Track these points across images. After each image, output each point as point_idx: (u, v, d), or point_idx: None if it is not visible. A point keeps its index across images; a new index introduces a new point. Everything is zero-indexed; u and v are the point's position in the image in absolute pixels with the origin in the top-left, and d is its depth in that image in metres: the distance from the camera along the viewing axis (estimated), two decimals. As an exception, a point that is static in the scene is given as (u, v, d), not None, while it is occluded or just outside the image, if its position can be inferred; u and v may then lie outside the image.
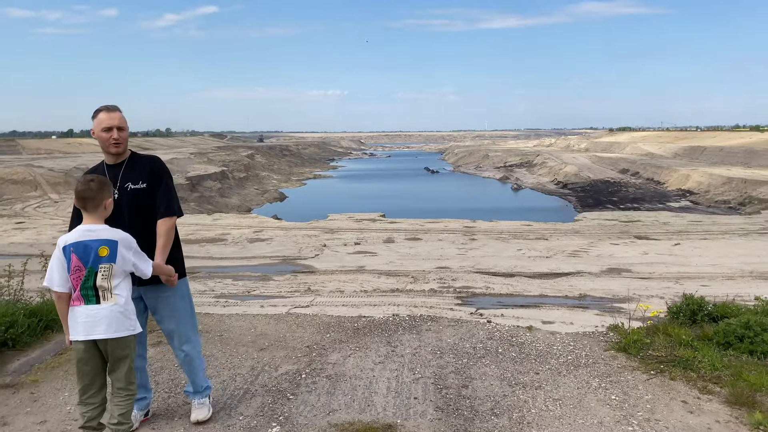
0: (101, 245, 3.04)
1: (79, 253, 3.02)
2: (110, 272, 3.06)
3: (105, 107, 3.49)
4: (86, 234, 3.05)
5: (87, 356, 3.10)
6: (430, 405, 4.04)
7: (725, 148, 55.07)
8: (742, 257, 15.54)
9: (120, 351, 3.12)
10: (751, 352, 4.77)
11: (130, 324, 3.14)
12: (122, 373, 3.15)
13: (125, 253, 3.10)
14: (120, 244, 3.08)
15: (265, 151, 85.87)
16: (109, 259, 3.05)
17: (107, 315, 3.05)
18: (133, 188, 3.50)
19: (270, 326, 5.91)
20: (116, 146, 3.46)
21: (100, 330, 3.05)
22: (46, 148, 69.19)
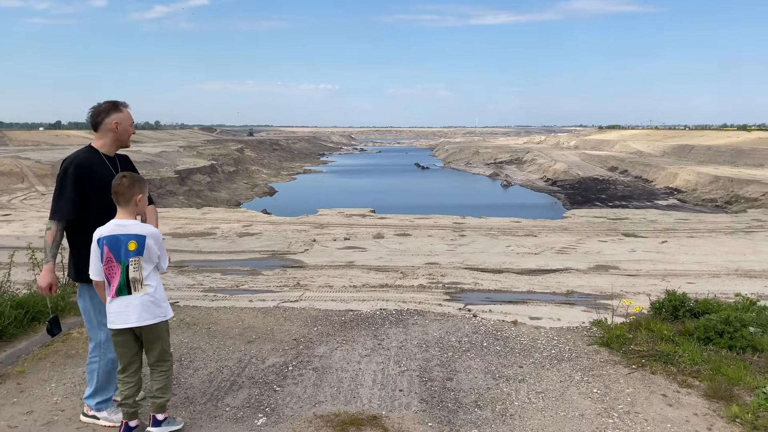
0: (130, 240, 3.29)
1: (110, 246, 3.29)
2: (139, 264, 3.31)
3: (124, 103, 3.72)
4: (117, 228, 3.32)
5: (123, 341, 3.38)
6: (414, 397, 4.09)
7: (713, 147, 55.55)
8: (727, 255, 15.72)
9: (153, 335, 3.40)
10: (730, 347, 4.86)
11: (160, 311, 3.39)
12: (157, 353, 3.43)
13: (152, 246, 3.36)
14: (148, 238, 3.34)
15: (255, 145, 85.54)
16: (137, 252, 3.30)
17: (138, 304, 3.31)
18: None
19: (258, 319, 5.94)
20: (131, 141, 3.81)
21: (132, 319, 3.31)
22: (33, 139, 68.55)
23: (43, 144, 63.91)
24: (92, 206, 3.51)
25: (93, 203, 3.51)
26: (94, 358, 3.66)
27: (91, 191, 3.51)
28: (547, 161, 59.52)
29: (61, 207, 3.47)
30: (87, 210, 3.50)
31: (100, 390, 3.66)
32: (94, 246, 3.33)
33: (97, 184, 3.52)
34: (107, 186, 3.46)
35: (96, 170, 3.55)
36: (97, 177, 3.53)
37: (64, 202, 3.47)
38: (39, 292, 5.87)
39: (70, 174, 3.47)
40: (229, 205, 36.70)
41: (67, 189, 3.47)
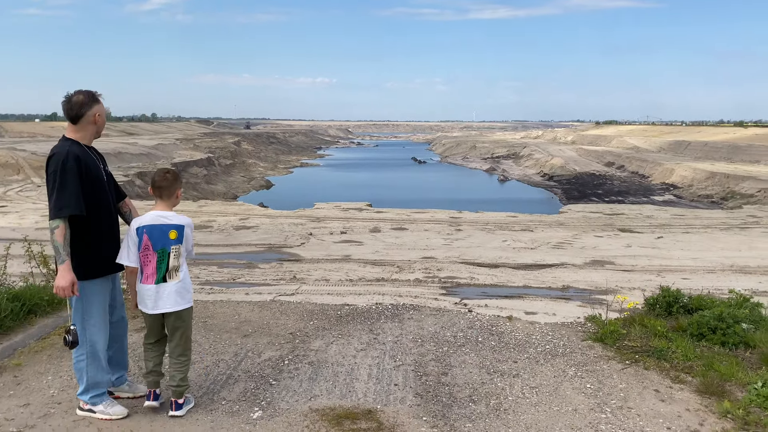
0: (171, 229, 3.59)
1: (150, 234, 3.56)
2: (179, 252, 3.63)
3: (98, 93, 3.65)
4: (159, 219, 3.59)
5: (153, 322, 3.71)
6: (409, 391, 4.12)
7: (709, 143, 55.65)
8: (723, 251, 15.78)
9: (179, 322, 3.69)
10: (723, 344, 4.90)
11: (189, 296, 3.73)
12: (178, 341, 3.71)
13: (189, 234, 3.69)
14: (186, 227, 3.66)
15: (251, 138, 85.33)
16: (177, 241, 3.61)
17: (171, 291, 3.62)
18: (109, 172, 3.77)
19: (254, 313, 5.96)
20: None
21: (163, 304, 3.61)
22: (29, 131, 68.25)
23: (39, 135, 63.63)
24: (92, 200, 3.51)
25: (93, 197, 3.51)
26: (81, 356, 3.63)
27: (90, 182, 3.50)
28: (544, 156, 59.55)
29: (68, 202, 3.35)
30: (90, 202, 3.49)
31: (91, 386, 3.65)
32: (132, 234, 3.58)
33: (93, 174, 3.53)
34: (100, 176, 3.54)
35: (89, 162, 3.54)
36: (91, 169, 3.53)
37: (70, 196, 3.36)
38: (34, 286, 5.88)
39: (70, 167, 3.39)
40: (226, 198, 36.66)
41: (70, 183, 3.37)
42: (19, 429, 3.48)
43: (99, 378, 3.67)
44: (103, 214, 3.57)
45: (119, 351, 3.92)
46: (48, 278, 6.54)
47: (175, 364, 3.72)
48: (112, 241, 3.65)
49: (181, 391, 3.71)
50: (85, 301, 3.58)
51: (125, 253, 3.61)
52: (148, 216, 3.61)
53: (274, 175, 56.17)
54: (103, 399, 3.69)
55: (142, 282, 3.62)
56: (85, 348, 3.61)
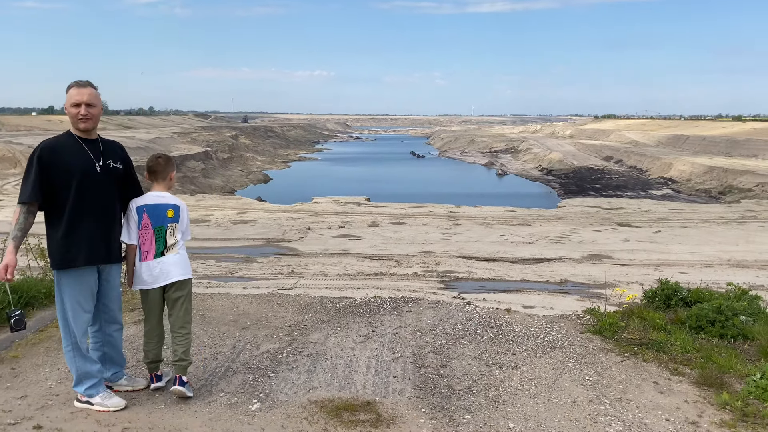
0: (168, 208, 3.80)
1: (150, 213, 3.75)
2: (175, 229, 3.82)
3: (76, 82, 3.56)
4: (157, 199, 3.79)
5: (152, 300, 3.82)
6: (408, 383, 4.12)
7: (707, 138, 55.66)
8: (720, 245, 15.81)
9: (179, 292, 3.82)
10: (721, 336, 4.91)
11: (190, 268, 3.91)
12: (180, 313, 3.83)
13: (184, 216, 3.89)
14: (181, 208, 3.87)
15: (249, 132, 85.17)
16: (173, 219, 3.81)
17: (175, 262, 3.79)
18: (114, 166, 3.67)
19: (252, 306, 5.95)
20: (84, 122, 3.54)
21: (174, 274, 3.78)
22: (26, 124, 67.98)
23: (36, 129, 63.39)
24: (61, 189, 3.45)
25: (61, 186, 3.45)
26: (68, 347, 3.62)
27: (57, 174, 3.43)
28: (542, 150, 59.54)
29: (24, 190, 3.41)
30: (56, 194, 3.45)
31: (83, 377, 3.62)
32: (133, 213, 3.73)
33: (64, 167, 3.45)
34: (80, 169, 3.48)
35: (63, 154, 3.48)
36: (63, 160, 3.46)
37: (27, 184, 3.40)
38: (31, 278, 5.86)
39: (34, 157, 3.42)
40: (224, 192, 36.60)
41: (31, 172, 3.41)
42: (16, 420, 3.47)
43: (87, 368, 3.63)
44: (68, 206, 3.46)
45: (113, 350, 3.88)
46: (45, 271, 6.52)
47: (177, 337, 3.80)
48: (79, 234, 3.51)
49: (184, 366, 3.78)
50: (60, 291, 3.57)
51: (125, 232, 3.76)
52: (148, 196, 3.79)
53: (272, 169, 56.10)
54: (99, 390, 3.66)
55: (141, 260, 3.76)
56: (69, 339, 3.60)
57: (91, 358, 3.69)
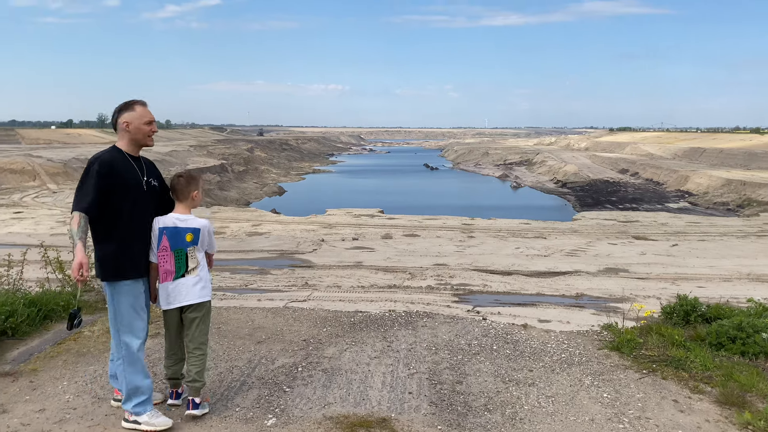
0: (188, 232, 3.75)
1: (169, 236, 3.72)
2: (194, 253, 3.78)
3: (139, 101, 3.69)
4: (177, 221, 3.75)
5: (170, 320, 3.82)
6: (424, 400, 4.09)
7: (725, 150, 55.10)
8: (739, 259, 15.59)
9: (195, 313, 3.79)
10: (742, 353, 4.82)
11: (208, 291, 3.86)
12: (195, 334, 3.80)
13: (206, 237, 3.84)
14: (202, 230, 3.80)
15: (264, 145, 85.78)
16: (193, 242, 3.77)
17: (192, 284, 3.76)
18: (153, 184, 3.78)
19: (267, 319, 5.96)
20: (152, 139, 3.72)
21: (181, 299, 3.75)
22: (45, 138, 69.06)
23: (55, 142, 64.40)
24: (116, 203, 3.52)
25: (117, 200, 3.52)
26: (118, 360, 3.62)
27: (114, 189, 3.51)
28: (557, 163, 59.27)
29: (81, 198, 3.46)
30: (111, 207, 3.50)
31: (133, 393, 3.57)
32: (155, 233, 3.71)
33: (121, 181, 3.54)
34: (132, 184, 3.57)
35: (118, 168, 3.56)
36: (120, 175, 3.54)
37: (84, 194, 3.45)
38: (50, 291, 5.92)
39: (93, 170, 3.47)
40: (239, 205, 36.83)
41: (88, 183, 3.47)
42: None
43: (138, 382, 3.59)
44: (122, 221, 3.55)
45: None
46: (63, 284, 6.59)
47: (191, 358, 3.78)
48: (131, 247, 3.61)
49: (197, 387, 3.75)
50: (113, 302, 3.59)
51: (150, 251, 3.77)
52: (170, 217, 3.77)
53: (287, 181, 56.37)
54: (147, 408, 3.59)
55: (160, 282, 3.76)
56: (120, 352, 3.59)
57: (143, 372, 3.65)
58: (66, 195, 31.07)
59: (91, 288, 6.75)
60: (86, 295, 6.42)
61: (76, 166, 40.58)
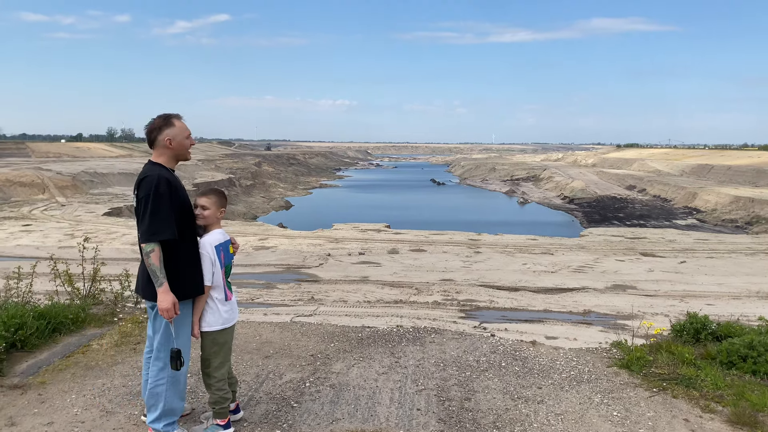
0: (229, 244, 3.79)
1: (224, 251, 3.72)
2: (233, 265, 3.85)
3: (175, 115, 3.61)
4: (224, 237, 3.74)
5: (231, 337, 3.80)
6: (432, 417, 4.06)
7: (733, 167, 54.94)
8: (748, 277, 15.48)
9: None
10: (754, 372, 4.77)
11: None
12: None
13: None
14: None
15: (272, 159, 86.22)
16: (233, 255, 3.82)
17: (235, 301, 3.83)
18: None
19: (275, 334, 5.95)
20: (191, 153, 3.70)
21: (235, 315, 3.80)
22: (55, 151, 69.63)
23: (65, 156, 64.93)
24: (184, 222, 3.49)
25: (183, 219, 3.49)
26: (161, 380, 3.51)
27: (180, 207, 3.46)
28: (564, 179, 59.22)
29: (161, 227, 3.33)
30: (180, 227, 3.46)
31: (166, 413, 3.53)
32: (211, 253, 3.60)
33: (182, 199, 3.50)
34: (187, 201, 3.54)
35: (178, 187, 3.51)
36: (181, 195, 3.51)
37: (162, 221, 3.34)
38: (59, 304, 5.93)
39: (163, 192, 3.36)
40: (246, 219, 36.94)
41: (163, 208, 3.35)
42: (42, 447, 3.48)
43: (175, 405, 3.56)
44: (187, 239, 3.51)
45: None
46: (72, 297, 6.62)
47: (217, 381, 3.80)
48: (196, 264, 3.57)
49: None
50: (183, 323, 3.53)
51: (206, 275, 3.59)
52: (217, 234, 3.67)
53: (294, 195, 56.57)
54: (175, 427, 3.58)
55: (226, 299, 3.69)
56: (166, 371, 3.51)
57: (182, 394, 3.61)
58: (74, 208, 31.28)
59: (99, 301, 6.77)
60: (94, 308, 6.44)
61: (84, 179, 40.89)
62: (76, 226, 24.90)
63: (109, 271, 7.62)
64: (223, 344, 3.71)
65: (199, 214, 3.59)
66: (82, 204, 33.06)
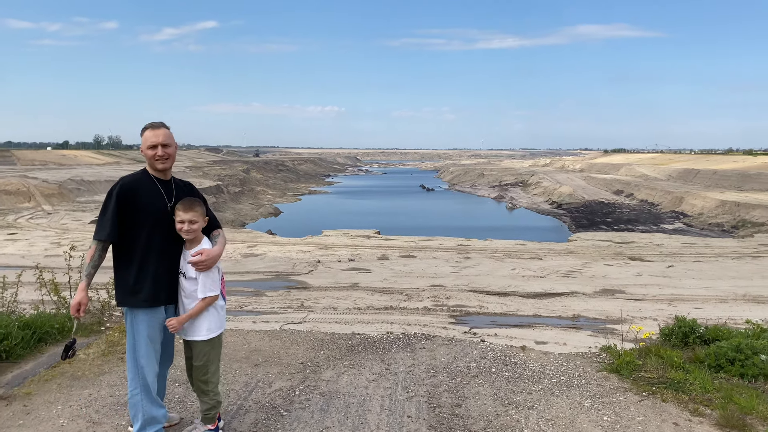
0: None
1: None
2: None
3: (151, 124, 3.59)
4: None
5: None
6: (423, 424, 4.05)
7: (719, 172, 55.53)
8: (734, 280, 15.62)
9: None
10: (741, 375, 4.80)
11: None
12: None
13: None
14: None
15: (260, 166, 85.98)
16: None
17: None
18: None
19: (264, 342, 5.92)
20: (161, 162, 3.56)
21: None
22: (40, 159, 69.06)
23: (51, 164, 64.40)
24: (135, 227, 3.43)
25: (136, 224, 3.43)
26: (135, 390, 3.48)
27: (134, 212, 3.42)
28: (552, 184, 59.55)
29: (102, 227, 3.39)
30: (130, 231, 3.42)
31: (148, 423, 3.49)
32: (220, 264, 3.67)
33: (140, 205, 3.44)
34: (152, 209, 3.46)
35: (140, 191, 3.47)
36: (139, 198, 3.45)
37: (105, 220, 3.39)
38: (45, 314, 5.87)
39: (114, 195, 3.41)
40: (234, 226, 36.75)
41: (109, 209, 3.39)
42: (27, 460, 3.43)
43: (154, 413, 3.51)
44: (137, 245, 3.45)
45: (161, 379, 3.79)
46: (58, 306, 6.54)
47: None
48: (149, 273, 3.47)
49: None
50: (133, 330, 3.48)
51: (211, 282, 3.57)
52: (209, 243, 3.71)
53: (283, 202, 56.39)
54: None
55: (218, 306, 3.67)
56: (138, 381, 3.47)
57: (158, 402, 3.56)
58: (61, 216, 30.99)
59: (87, 310, 6.69)
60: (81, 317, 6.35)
61: (71, 187, 40.56)
62: (63, 234, 24.67)
63: (97, 279, 7.51)
64: (219, 347, 3.72)
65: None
66: (69, 212, 32.78)
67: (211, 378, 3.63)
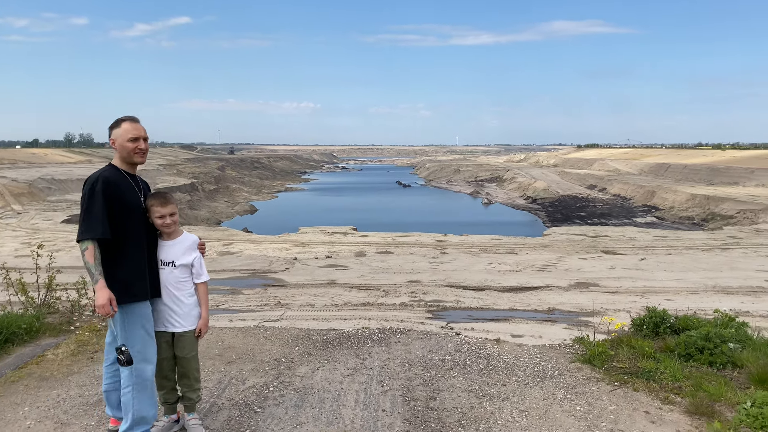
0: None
1: None
2: None
3: (129, 117, 3.58)
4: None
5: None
6: (398, 417, 4.05)
7: (689, 166, 56.57)
8: (705, 272, 15.92)
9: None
10: (710, 363, 4.89)
11: None
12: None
13: None
14: None
15: (235, 163, 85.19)
16: None
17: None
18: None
19: (238, 339, 5.86)
20: (141, 156, 3.57)
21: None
22: (9, 157, 67.44)
23: (20, 162, 62.96)
24: (123, 223, 3.39)
25: (124, 220, 3.39)
26: (127, 387, 3.41)
27: (120, 207, 3.38)
28: (527, 179, 60.06)
29: (94, 226, 3.28)
30: (119, 227, 3.37)
31: (137, 422, 3.41)
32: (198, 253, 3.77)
33: (125, 200, 3.42)
34: (134, 202, 3.46)
35: (121, 186, 3.44)
36: (123, 193, 3.42)
37: (94, 219, 3.29)
38: (12, 314, 5.73)
39: (98, 190, 3.32)
40: (210, 224, 36.38)
41: (96, 206, 3.30)
42: (-7, 463, 3.35)
43: (145, 412, 3.43)
44: (127, 240, 3.41)
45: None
46: (26, 306, 6.40)
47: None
48: (141, 268, 3.46)
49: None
50: (125, 327, 3.41)
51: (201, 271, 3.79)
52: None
53: (259, 199, 55.94)
54: None
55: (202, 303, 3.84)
56: (132, 378, 3.40)
57: (152, 401, 3.49)
58: (31, 216, 30.34)
59: (55, 310, 6.57)
60: (50, 317, 6.24)
61: (41, 186, 39.73)
62: (34, 234, 24.16)
63: (67, 279, 7.40)
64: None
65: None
66: (40, 211, 32.10)
67: (197, 371, 3.75)
